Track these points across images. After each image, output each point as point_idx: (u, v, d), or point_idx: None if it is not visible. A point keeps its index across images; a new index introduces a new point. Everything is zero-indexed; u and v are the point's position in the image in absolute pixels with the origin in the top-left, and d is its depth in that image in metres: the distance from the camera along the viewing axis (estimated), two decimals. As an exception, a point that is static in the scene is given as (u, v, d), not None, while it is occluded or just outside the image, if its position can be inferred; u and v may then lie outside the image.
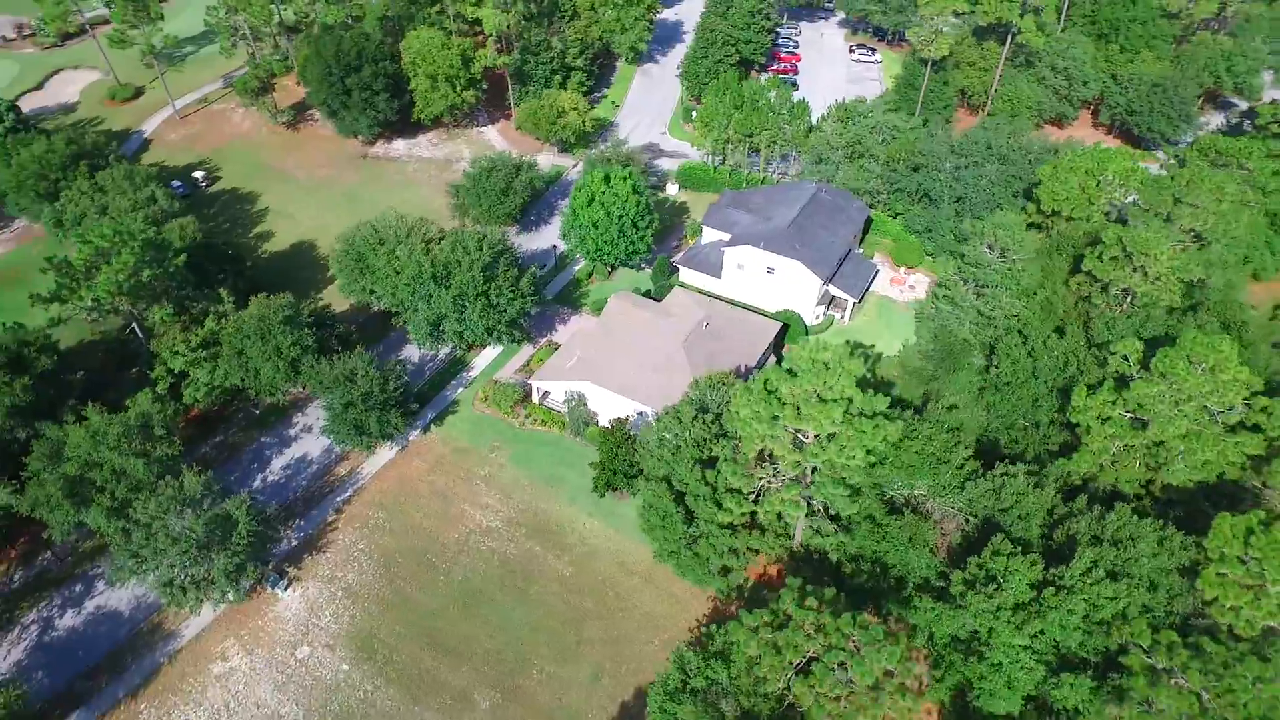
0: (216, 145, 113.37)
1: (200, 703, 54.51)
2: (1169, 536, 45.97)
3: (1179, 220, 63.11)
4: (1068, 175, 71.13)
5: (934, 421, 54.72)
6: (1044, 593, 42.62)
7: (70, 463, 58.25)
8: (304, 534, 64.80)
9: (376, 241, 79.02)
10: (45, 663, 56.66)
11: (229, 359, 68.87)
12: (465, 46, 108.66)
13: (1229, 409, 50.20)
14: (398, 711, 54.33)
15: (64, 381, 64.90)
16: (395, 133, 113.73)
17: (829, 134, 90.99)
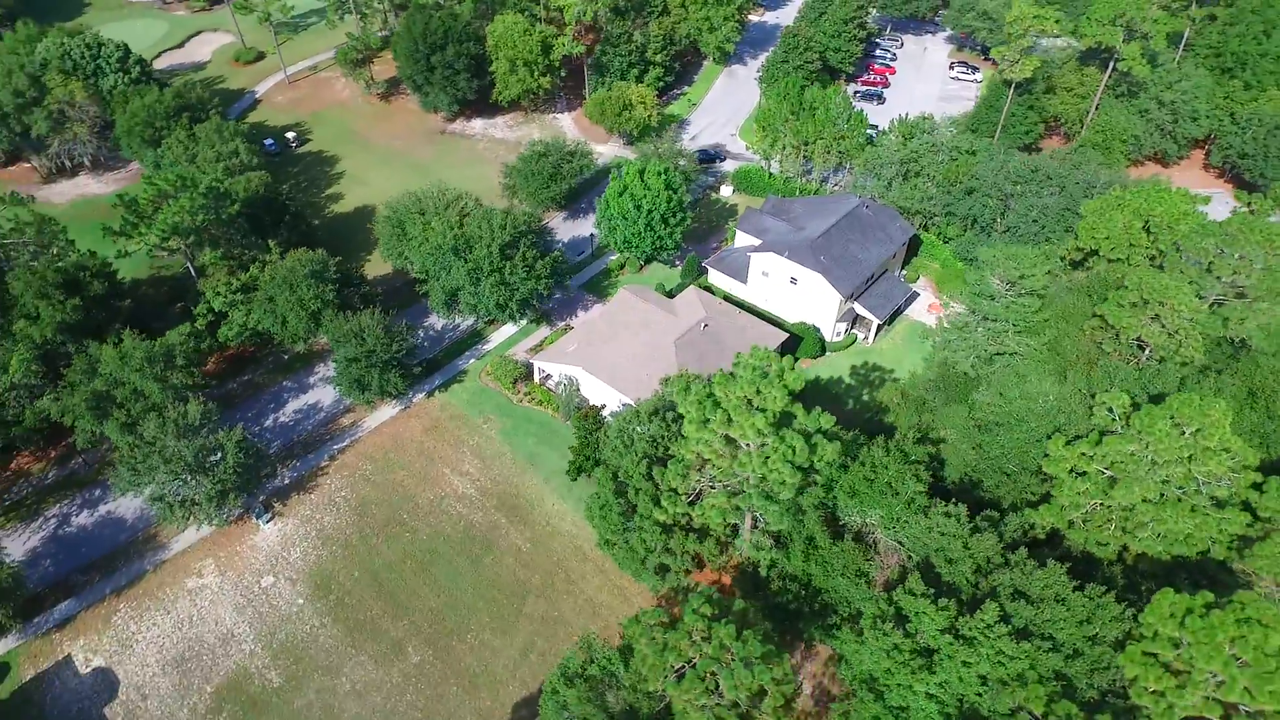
0: (315, 110, 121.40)
1: (170, 611, 59.43)
2: (1104, 604, 42.28)
3: (1219, 271, 57.28)
4: (1113, 213, 65.86)
5: (890, 450, 52.40)
6: (941, 640, 40.25)
7: (100, 379, 64.60)
8: (297, 474, 69.14)
9: (417, 211, 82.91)
10: (54, 552, 63.23)
11: (261, 304, 74.13)
12: (547, 34, 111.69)
13: (1215, 480, 45.56)
14: (336, 650, 57.37)
15: (114, 307, 71.79)
16: (475, 112, 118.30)
17: (886, 149, 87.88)
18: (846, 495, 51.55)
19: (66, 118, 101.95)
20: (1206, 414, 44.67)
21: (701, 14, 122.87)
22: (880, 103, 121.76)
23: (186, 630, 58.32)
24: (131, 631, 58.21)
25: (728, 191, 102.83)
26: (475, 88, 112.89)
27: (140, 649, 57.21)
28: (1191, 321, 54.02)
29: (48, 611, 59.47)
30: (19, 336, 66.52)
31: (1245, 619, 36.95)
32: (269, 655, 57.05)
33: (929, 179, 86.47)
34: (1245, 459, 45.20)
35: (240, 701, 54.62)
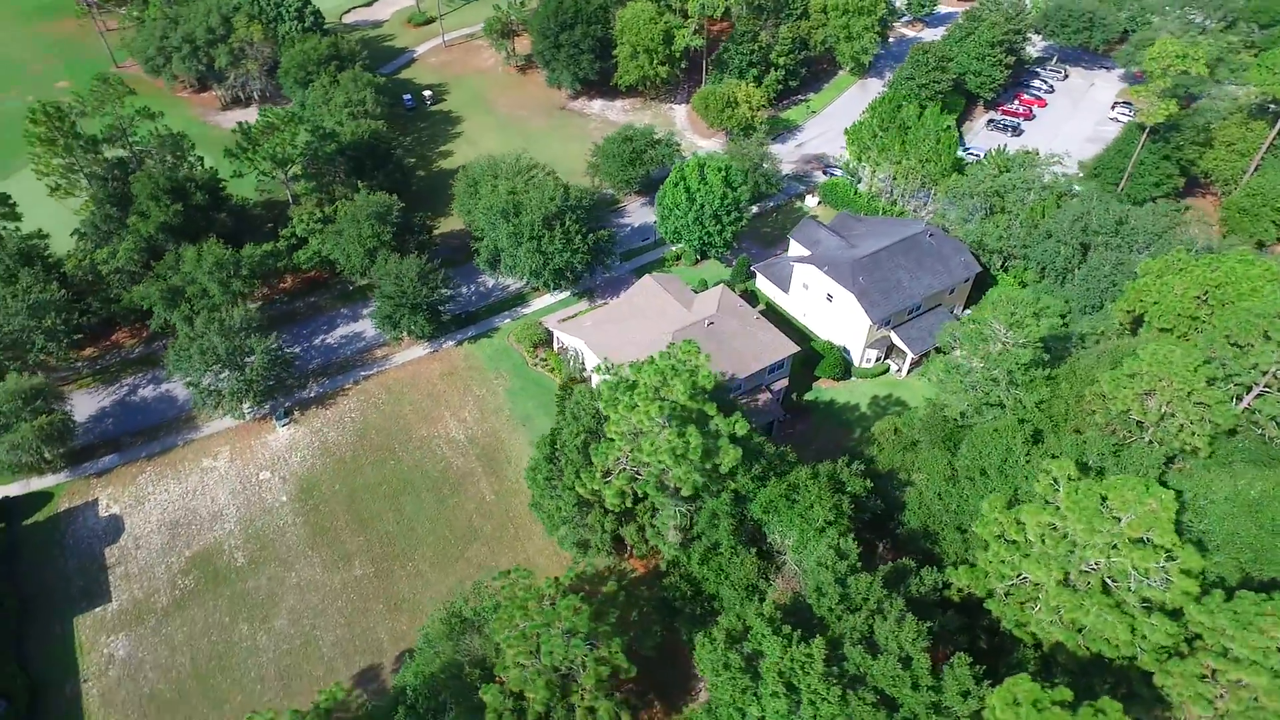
0: (458, 74, 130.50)
1: (182, 482, 68.04)
2: (959, 676, 38.62)
3: (1257, 358, 49.29)
4: (1171, 277, 58.20)
5: (819, 475, 50.22)
6: (767, 675, 38.60)
7: (178, 275, 74.62)
8: (322, 390, 76.29)
9: (491, 174, 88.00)
10: (116, 415, 73.98)
11: (332, 236, 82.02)
12: (673, 24, 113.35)
13: (1146, 579, 40.17)
14: (296, 547, 63.41)
15: (212, 218, 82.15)
16: (598, 93, 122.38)
17: (971, 178, 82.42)
18: (760, 509, 50.23)
19: (244, 55, 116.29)
20: (1144, 502, 39.61)
21: (840, 21, 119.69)
22: (1015, 134, 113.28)
23: (188, 501, 66.58)
24: (148, 491, 67.29)
25: (813, 202, 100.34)
26: (597, 69, 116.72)
27: (148, 507, 66.07)
28: (1199, 406, 47.39)
29: (94, 460, 69.90)
30: (131, 229, 77.99)
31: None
32: (243, 538, 64.04)
33: (1013, 216, 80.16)
34: (1185, 562, 39.65)
35: (206, 570, 61.86)
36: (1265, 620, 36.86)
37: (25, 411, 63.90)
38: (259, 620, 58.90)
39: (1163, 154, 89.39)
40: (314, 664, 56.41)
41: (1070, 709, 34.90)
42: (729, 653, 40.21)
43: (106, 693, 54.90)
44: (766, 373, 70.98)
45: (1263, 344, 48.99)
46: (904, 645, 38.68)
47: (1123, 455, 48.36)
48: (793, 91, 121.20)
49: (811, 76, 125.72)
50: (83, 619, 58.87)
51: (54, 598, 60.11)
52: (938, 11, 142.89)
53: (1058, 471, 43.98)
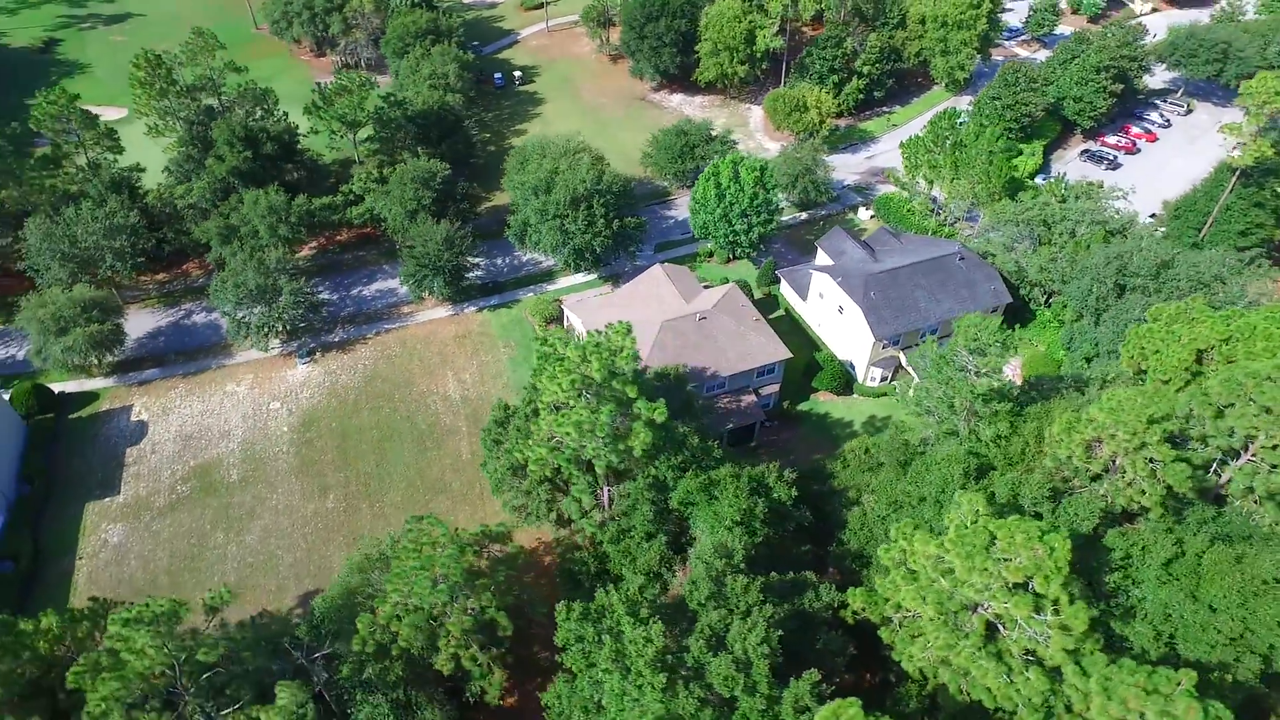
0: (553, 58, 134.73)
1: (204, 401, 74.80)
2: (802, 682, 37.40)
3: (1235, 421, 44.22)
4: (1179, 328, 53.04)
5: (742, 475, 49.53)
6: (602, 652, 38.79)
7: (236, 215, 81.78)
8: (347, 337, 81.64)
9: (540, 152, 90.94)
10: (168, 334, 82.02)
11: (382, 196, 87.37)
12: (758, 23, 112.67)
13: (1024, 626, 37.53)
14: (283, 473, 68.53)
15: (280, 167, 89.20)
16: (680, 87, 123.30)
17: (1019, 205, 77.92)
18: (678, 500, 50.26)
19: (355, 24, 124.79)
20: (1031, 547, 37.13)
21: (938, 34, 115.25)
22: (1112, 168, 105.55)
23: (204, 418, 73.18)
24: (175, 405, 74.44)
25: (866, 215, 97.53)
26: (678, 63, 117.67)
27: (171, 419, 73.13)
28: (1150, 463, 43.41)
29: (139, 371, 77.91)
30: (207, 170, 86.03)
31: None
32: (240, 457, 69.85)
33: (1058, 249, 75.26)
34: (1068, 618, 36.86)
35: (203, 481, 67.95)
36: (1130, 691, 33.90)
37: (81, 319, 72.07)
38: (234, 532, 64.23)
39: (1254, 200, 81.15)
40: (269, 579, 61.01)
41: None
42: (583, 625, 40.86)
43: (94, 572, 61.58)
44: (755, 375, 70.14)
45: (1244, 407, 44.33)
46: (748, 649, 38.03)
47: (1063, 502, 45.17)
48: (876, 103, 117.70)
49: (901, 89, 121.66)
50: (92, 505, 66.11)
51: (75, 483, 67.76)
52: (1059, 32, 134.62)
53: (967, 506, 41.78)
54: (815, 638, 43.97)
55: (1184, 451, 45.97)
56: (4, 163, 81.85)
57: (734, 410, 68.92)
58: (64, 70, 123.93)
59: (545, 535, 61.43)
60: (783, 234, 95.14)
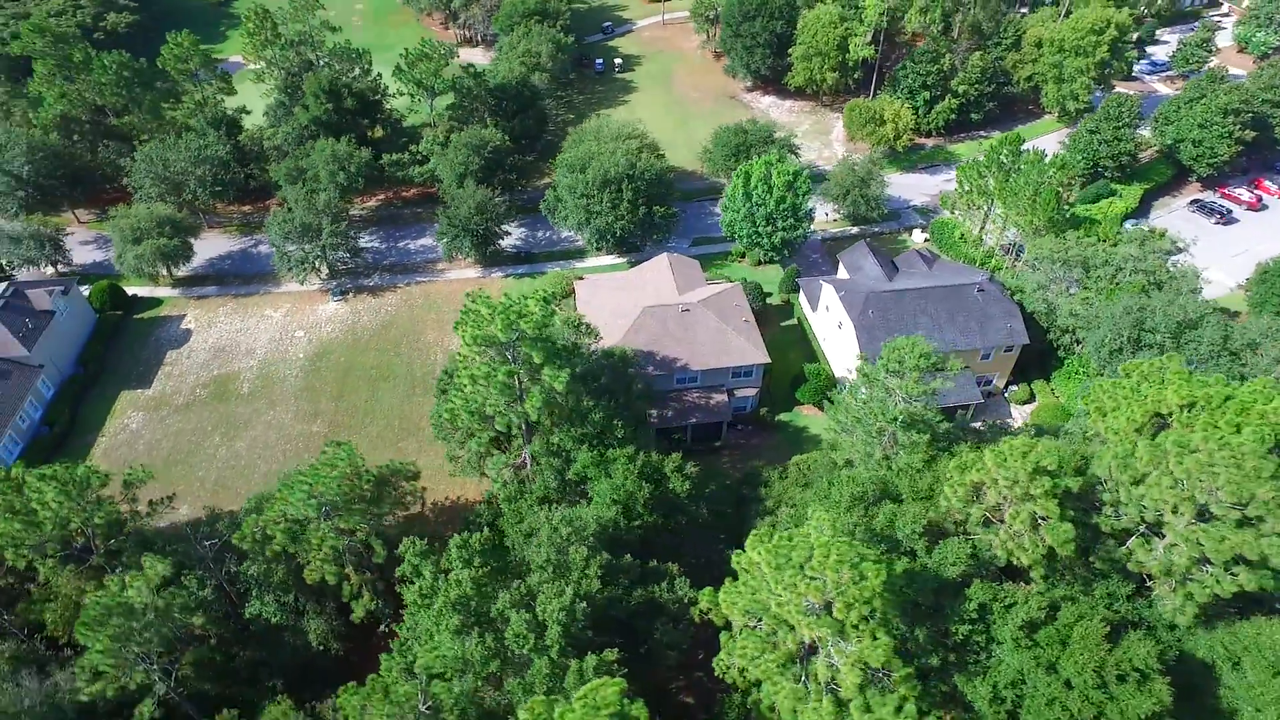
0: (659, 50, 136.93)
1: (242, 320, 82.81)
2: (598, 658, 37.34)
3: (1149, 490, 39.07)
4: (1150, 388, 47.42)
5: (632, 457, 49.60)
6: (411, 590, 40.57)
7: (304, 159, 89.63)
8: (382, 283, 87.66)
9: (595, 134, 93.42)
10: (235, 258, 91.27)
11: (440, 158, 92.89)
12: (854, 31, 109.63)
13: (826, 650, 35.72)
14: (285, 394, 74.89)
15: (355, 121, 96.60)
16: (773, 89, 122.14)
17: (1060, 244, 72.17)
18: (575, 472, 51.23)
19: (474, 1, 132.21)
20: (838, 569, 35.47)
21: (1053, 59, 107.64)
22: (1224, 222, 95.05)
23: (237, 336, 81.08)
24: (219, 320, 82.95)
25: (920, 238, 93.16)
26: (770, 65, 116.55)
27: (212, 331, 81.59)
28: (1035, 517, 39.72)
29: (200, 287, 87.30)
30: (294, 116, 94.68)
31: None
32: (255, 375, 76.97)
33: (1094, 294, 69.23)
34: (864, 651, 34.95)
35: (218, 389, 75.48)
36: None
37: (154, 232, 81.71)
38: (228, 438, 71.09)
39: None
40: (242, 484, 67.09)
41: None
42: (423, 561, 42.90)
43: (108, 449, 70.14)
44: (730, 375, 69.34)
45: (1161, 477, 39.76)
46: (548, 613, 38.64)
47: (940, 544, 42.47)
48: (972, 126, 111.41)
49: (1006, 115, 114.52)
50: (126, 394, 75.10)
51: (119, 373, 77.18)
52: (1234, 74, 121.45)
53: (815, 520, 40.35)
54: (656, 628, 43.83)
55: (1099, 516, 42.02)
56: (133, 92, 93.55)
57: (701, 406, 68.51)
58: (233, 22, 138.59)
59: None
60: (825, 245, 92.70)
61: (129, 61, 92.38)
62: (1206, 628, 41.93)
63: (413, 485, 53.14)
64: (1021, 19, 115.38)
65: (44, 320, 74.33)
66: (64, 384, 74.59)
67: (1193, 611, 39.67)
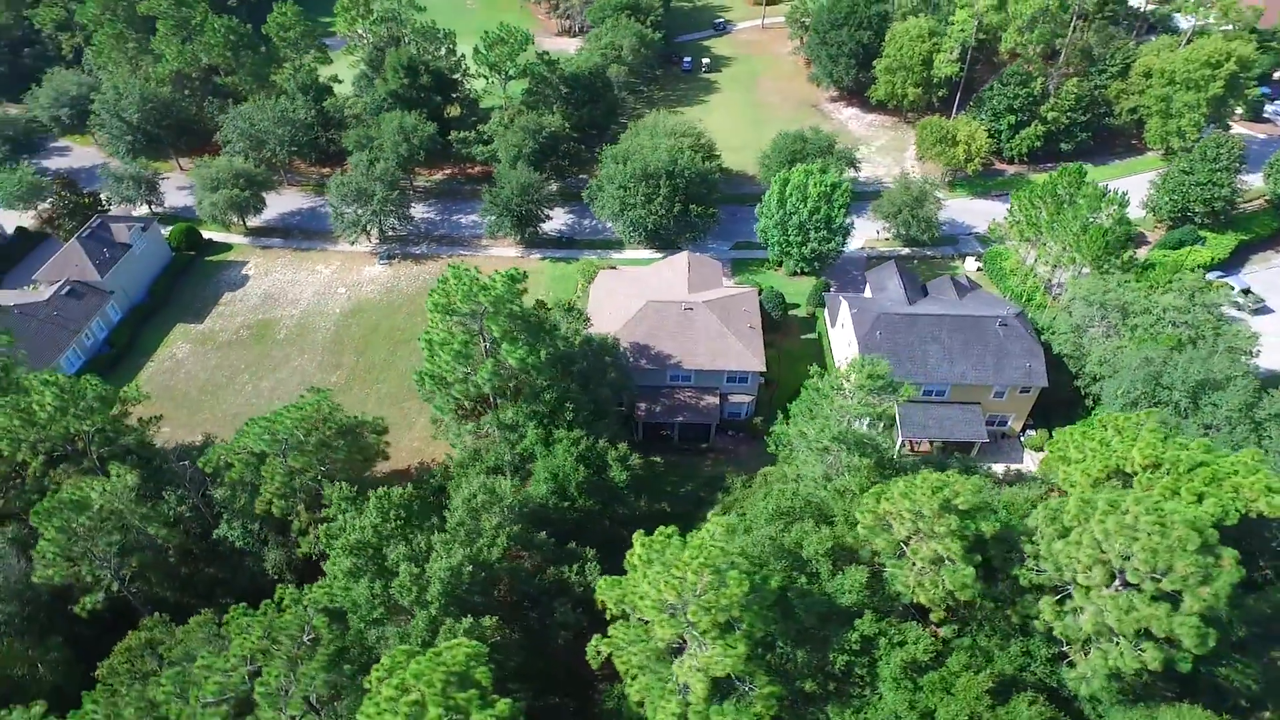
0: (752, 53, 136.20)
1: (295, 272, 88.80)
2: (477, 627, 38.20)
3: (1066, 547, 35.67)
4: (1122, 443, 43.43)
5: (575, 441, 50.13)
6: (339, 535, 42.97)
7: (371, 128, 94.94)
8: (426, 251, 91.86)
9: (649, 130, 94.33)
10: (304, 216, 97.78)
11: (501, 138, 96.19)
12: (942, 46, 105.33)
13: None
14: (314, 344, 79.83)
15: (430, 98, 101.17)
16: (856, 101, 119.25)
17: (1099, 284, 67.27)
18: (523, 447, 52.48)
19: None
20: (699, 573, 35.00)
21: (1161, 91, 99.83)
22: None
23: (287, 286, 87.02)
24: (275, 270, 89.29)
25: (972, 266, 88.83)
26: (854, 75, 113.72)
27: (266, 280, 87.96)
28: (938, 557, 37.51)
29: (268, 238, 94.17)
30: (374, 90, 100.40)
31: None
32: (293, 323, 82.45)
33: (1128, 342, 64.24)
34: (708, 660, 34.37)
35: (258, 333, 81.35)
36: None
37: (229, 183, 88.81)
38: (256, 377, 76.61)
39: None
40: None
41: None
42: (347, 505, 45.27)
43: (154, 374, 77.03)
44: (724, 379, 68.70)
45: (1082, 536, 36.80)
46: (434, 571, 40.03)
47: (845, 570, 41.06)
48: (1061, 155, 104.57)
49: (1102, 147, 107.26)
50: (180, 326, 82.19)
51: (179, 306, 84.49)
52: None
53: (711, 524, 39.90)
54: (556, 607, 44.52)
55: (1019, 569, 39.50)
56: (238, 55, 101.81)
57: (690, 406, 68.23)
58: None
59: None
60: (870, 264, 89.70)
61: (236, 26, 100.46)
62: (1127, 705, 38.61)
63: (376, 439, 55.78)
64: (1135, 47, 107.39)
65: (120, 252, 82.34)
66: (131, 310, 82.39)
67: (1099, 684, 36.59)
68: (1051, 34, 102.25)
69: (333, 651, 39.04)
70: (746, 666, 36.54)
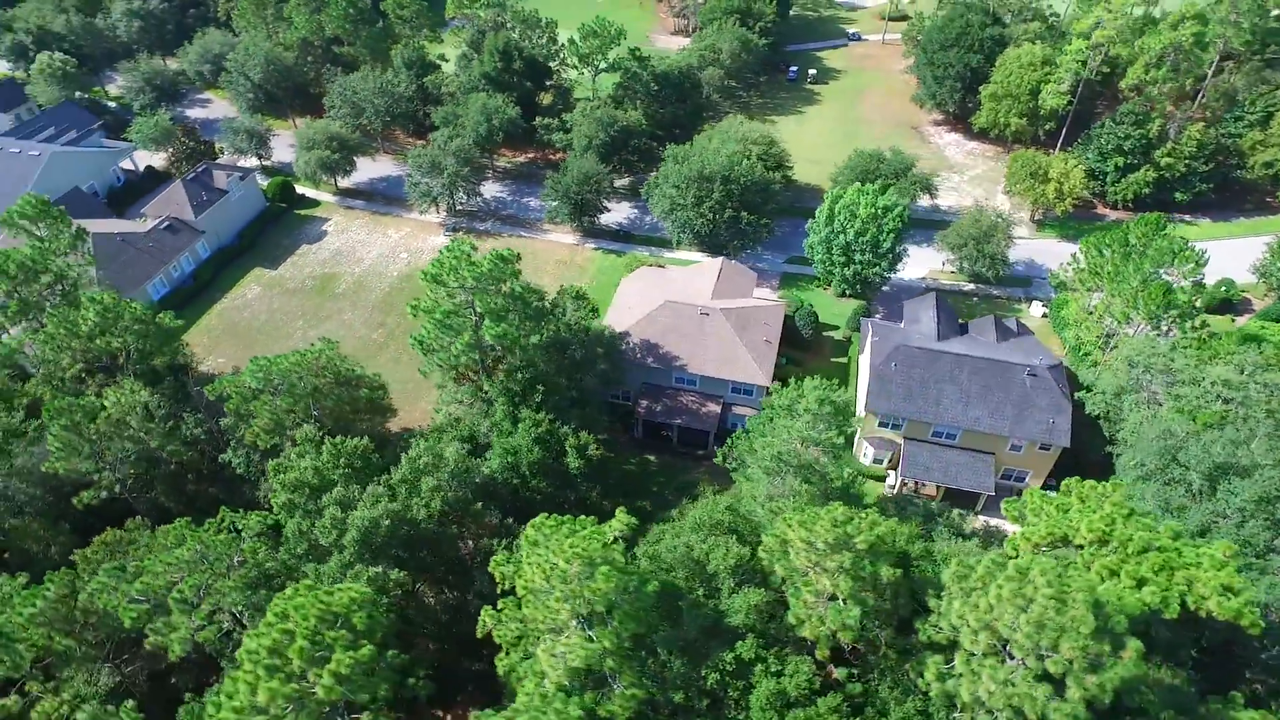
0: (866, 68, 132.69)
1: (368, 234, 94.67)
2: (366, 575, 40.12)
3: (964, 606, 32.63)
4: (1081, 514, 39.54)
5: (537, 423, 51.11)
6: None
7: (459, 106, 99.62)
8: (489, 229, 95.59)
9: (721, 134, 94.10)
10: (390, 181, 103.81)
11: (576, 128, 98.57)
12: (1055, 76, 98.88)
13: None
14: (366, 302, 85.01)
15: (517, 83, 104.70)
16: (959, 127, 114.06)
17: (1147, 347, 61.60)
18: (491, 421, 54.25)
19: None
20: (568, 561, 35.38)
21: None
22: None
23: (356, 245, 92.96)
24: (351, 229, 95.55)
25: (1038, 312, 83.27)
26: (959, 100, 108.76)
27: (341, 238, 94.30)
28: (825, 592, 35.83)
29: (353, 199, 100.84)
30: (470, 70, 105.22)
31: None
32: (352, 279, 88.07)
33: (1166, 415, 58.64)
34: (573, 654, 34.70)
35: (321, 284, 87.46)
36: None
37: (321, 144, 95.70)
38: (309, 325, 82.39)
39: None
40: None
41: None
42: (305, 453, 48.50)
43: (223, 309, 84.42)
44: (729, 389, 67.93)
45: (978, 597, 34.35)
46: (352, 520, 42.34)
47: (743, 590, 40.24)
48: (1175, 206, 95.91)
49: (1228, 201, 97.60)
50: (256, 270, 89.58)
51: (260, 252, 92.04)
52: None
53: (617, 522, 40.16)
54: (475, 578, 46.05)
55: (920, 622, 37.50)
56: (357, 29, 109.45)
57: (690, 411, 67.95)
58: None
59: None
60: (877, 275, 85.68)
61: (356, 0, 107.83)
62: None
63: (370, 393, 58.97)
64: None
65: (217, 197, 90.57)
66: (219, 250, 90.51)
67: (975, 758, 34.14)
68: (1186, 72, 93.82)
69: (253, 575, 42.17)
70: (614, 663, 36.66)
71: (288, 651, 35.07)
